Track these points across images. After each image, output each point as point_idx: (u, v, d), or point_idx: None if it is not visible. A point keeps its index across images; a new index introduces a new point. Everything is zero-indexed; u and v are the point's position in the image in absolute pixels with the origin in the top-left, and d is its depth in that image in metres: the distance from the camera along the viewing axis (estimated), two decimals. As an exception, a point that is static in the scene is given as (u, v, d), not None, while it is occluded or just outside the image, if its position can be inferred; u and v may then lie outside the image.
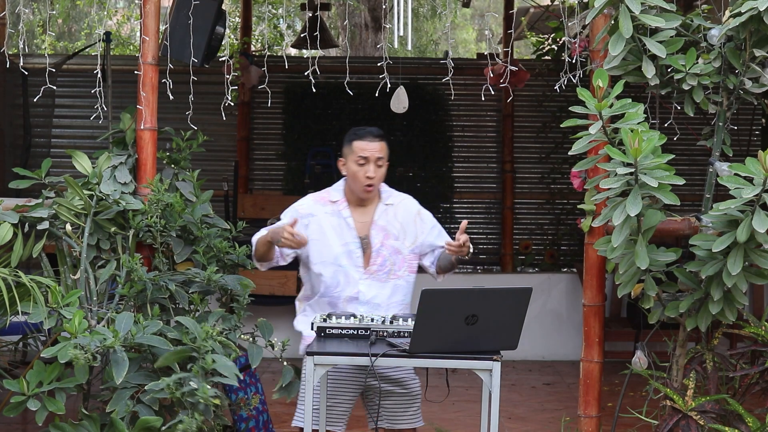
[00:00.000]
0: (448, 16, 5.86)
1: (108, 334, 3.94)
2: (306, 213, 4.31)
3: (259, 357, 4.32)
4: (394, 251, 4.31)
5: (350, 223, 4.30)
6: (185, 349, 4.04)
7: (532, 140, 10.15)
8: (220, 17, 5.36)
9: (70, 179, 4.43)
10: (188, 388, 3.88)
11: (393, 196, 4.42)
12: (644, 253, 4.00)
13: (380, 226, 4.32)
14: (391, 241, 4.31)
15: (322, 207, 4.33)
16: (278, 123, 10.15)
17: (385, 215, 4.34)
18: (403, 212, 4.38)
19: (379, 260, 4.28)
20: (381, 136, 4.30)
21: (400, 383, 4.26)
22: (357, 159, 4.25)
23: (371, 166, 4.25)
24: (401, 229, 4.34)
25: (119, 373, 3.91)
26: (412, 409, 4.30)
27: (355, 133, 4.30)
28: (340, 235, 4.27)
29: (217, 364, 3.98)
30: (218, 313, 4.37)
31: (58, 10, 13.99)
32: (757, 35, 4.16)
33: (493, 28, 14.52)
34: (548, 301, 8.81)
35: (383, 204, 4.37)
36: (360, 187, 4.27)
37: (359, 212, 4.34)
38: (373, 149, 4.25)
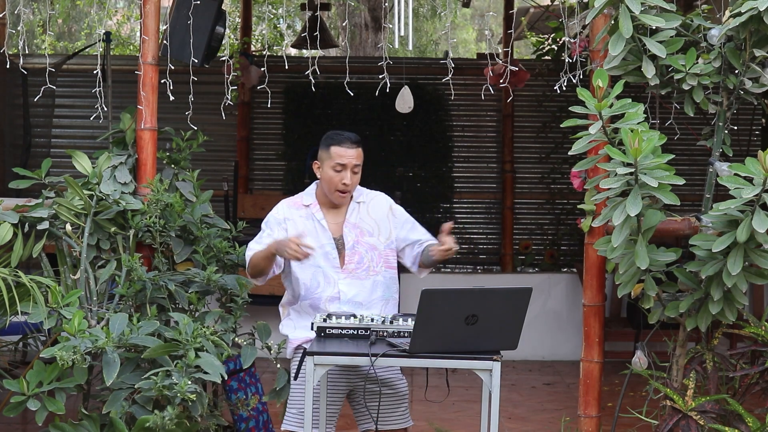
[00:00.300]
0: (448, 16, 5.86)
1: (101, 335, 3.94)
2: (282, 218, 4.32)
3: (252, 357, 4.32)
4: (370, 247, 4.32)
5: (324, 225, 4.31)
6: (170, 345, 4.04)
7: (532, 140, 10.14)
8: (220, 17, 5.35)
9: (70, 179, 4.43)
10: (168, 382, 3.89)
11: (364, 194, 4.42)
12: (644, 253, 4.00)
13: (352, 223, 4.33)
14: (366, 238, 4.32)
15: (296, 211, 4.35)
16: (278, 123, 10.15)
17: (357, 213, 4.36)
18: (375, 208, 4.39)
19: (356, 258, 4.29)
20: (358, 142, 4.30)
21: (387, 384, 4.26)
22: (334, 165, 4.25)
23: (348, 173, 4.25)
24: (375, 225, 4.36)
25: (110, 375, 3.91)
26: (400, 410, 4.30)
27: (333, 138, 4.29)
28: (316, 238, 4.28)
29: (200, 361, 3.98)
30: (216, 313, 4.38)
31: (58, 10, 13.98)
32: (757, 35, 4.17)
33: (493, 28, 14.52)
34: (548, 301, 8.80)
35: (354, 202, 4.38)
36: (334, 192, 4.29)
37: (332, 213, 4.36)
38: (351, 156, 4.24)
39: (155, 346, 4.02)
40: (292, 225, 4.31)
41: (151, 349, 4.01)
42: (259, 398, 5.21)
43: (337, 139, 4.28)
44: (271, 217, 4.35)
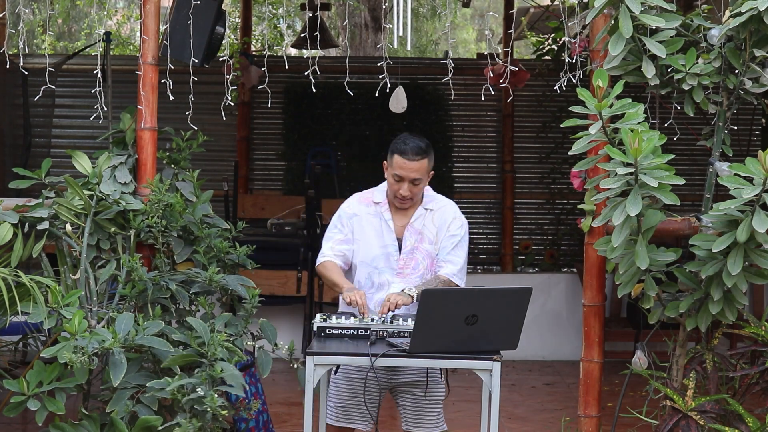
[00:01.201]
0: (448, 16, 5.86)
1: (107, 336, 3.94)
2: (351, 213, 4.34)
3: (268, 365, 4.29)
4: (427, 255, 4.30)
5: (390, 226, 4.30)
6: (193, 355, 4.04)
7: (532, 140, 10.14)
8: (220, 17, 5.35)
9: (70, 179, 4.42)
10: (195, 395, 3.88)
11: (435, 201, 4.38)
12: (644, 253, 4.00)
13: (415, 228, 4.30)
14: (425, 245, 4.30)
15: (365, 207, 4.35)
16: (278, 123, 10.15)
17: (422, 219, 4.32)
18: (440, 218, 4.35)
19: (411, 263, 4.27)
20: (423, 153, 4.21)
21: (422, 386, 4.25)
22: (394, 175, 4.23)
23: (405, 185, 4.21)
24: (436, 234, 4.32)
25: (117, 375, 3.91)
26: (431, 414, 4.28)
27: (399, 147, 4.23)
28: (380, 237, 4.28)
29: (225, 374, 3.98)
30: (224, 318, 4.36)
31: (58, 10, 13.98)
32: (757, 35, 4.16)
33: (493, 28, 14.52)
34: (548, 301, 8.80)
35: (423, 208, 4.35)
36: (394, 198, 4.28)
37: (400, 215, 4.33)
38: (411, 169, 4.19)
39: (176, 356, 4.02)
40: (358, 222, 4.31)
41: (171, 358, 4.00)
42: (259, 399, 5.21)
43: (401, 149, 4.22)
44: (342, 211, 4.37)
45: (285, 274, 8.00)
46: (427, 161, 4.23)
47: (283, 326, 5.68)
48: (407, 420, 4.29)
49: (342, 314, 4.11)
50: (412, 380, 4.25)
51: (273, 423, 5.44)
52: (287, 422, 6.24)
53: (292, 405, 6.58)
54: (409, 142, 4.22)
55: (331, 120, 10.00)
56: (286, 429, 6.08)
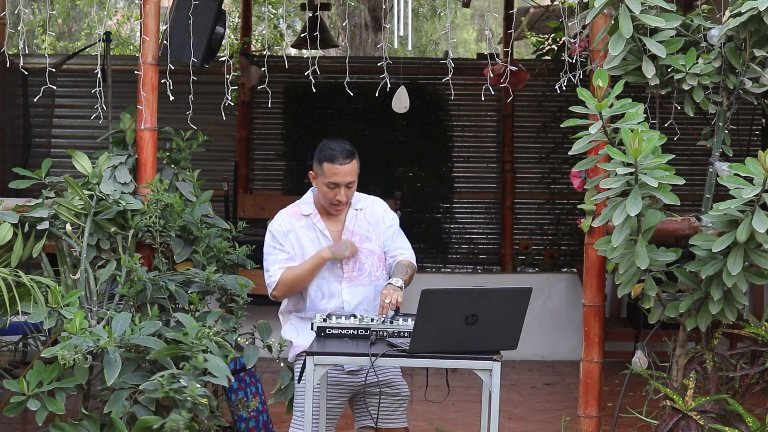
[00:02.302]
0: (448, 16, 5.86)
1: (103, 335, 3.95)
2: (285, 231, 4.28)
3: (254, 358, 4.31)
4: (370, 253, 4.30)
5: (327, 234, 4.28)
6: (177, 347, 4.04)
7: (532, 140, 10.14)
8: (220, 17, 5.35)
9: (70, 179, 4.43)
10: (177, 386, 3.89)
11: (362, 201, 4.39)
12: (644, 253, 4.00)
13: (351, 231, 4.31)
14: (365, 244, 4.31)
15: (297, 221, 4.30)
16: (278, 123, 10.15)
17: (355, 220, 4.33)
18: (371, 214, 4.37)
19: (356, 265, 4.27)
20: (351, 154, 4.21)
21: (390, 384, 4.26)
22: (327, 182, 4.20)
23: (342, 190, 4.20)
24: (371, 230, 4.34)
25: (111, 375, 3.91)
26: (400, 410, 4.31)
27: (326, 154, 4.21)
28: (318, 247, 4.25)
29: (208, 364, 3.97)
30: (217, 313, 4.37)
31: (58, 10, 13.99)
32: (757, 35, 4.16)
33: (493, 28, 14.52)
34: (548, 301, 8.80)
35: (353, 209, 4.35)
36: (329, 206, 4.26)
37: (332, 221, 4.32)
38: (344, 173, 4.18)
39: (160, 348, 4.02)
40: (294, 236, 4.27)
41: (156, 351, 4.01)
42: (259, 399, 5.21)
43: (329, 155, 4.20)
44: (275, 231, 4.29)
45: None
46: (356, 162, 4.23)
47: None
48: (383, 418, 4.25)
49: (342, 314, 4.11)
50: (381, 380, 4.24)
51: (273, 423, 5.44)
52: (287, 422, 6.22)
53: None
54: (336, 147, 4.21)
55: (331, 120, 10.00)
56: (286, 429, 6.07)
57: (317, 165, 4.25)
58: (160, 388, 3.91)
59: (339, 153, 4.19)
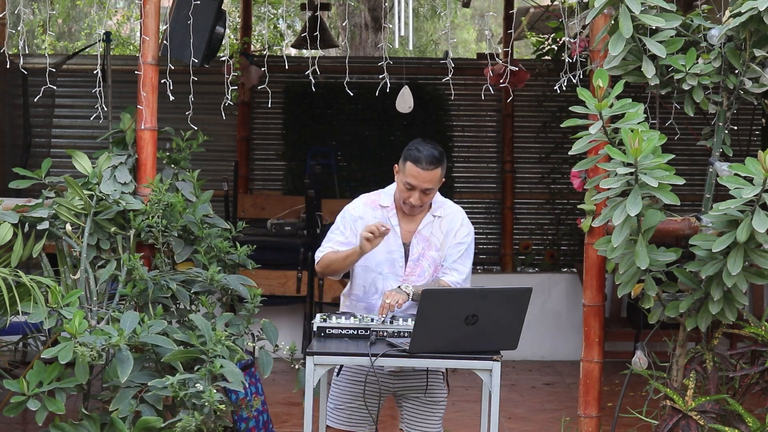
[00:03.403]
0: (448, 16, 5.86)
1: (113, 333, 3.95)
2: (356, 216, 4.26)
3: (269, 366, 4.28)
4: (433, 262, 4.24)
5: (397, 232, 4.23)
6: (194, 351, 4.05)
7: (532, 140, 10.14)
8: (220, 17, 5.35)
9: (70, 179, 4.43)
10: (194, 390, 3.89)
11: (443, 207, 4.30)
12: (644, 253, 4.00)
13: (423, 236, 4.24)
14: (432, 252, 4.24)
15: (372, 211, 4.26)
16: (278, 123, 10.15)
17: (431, 226, 4.26)
18: (447, 224, 4.28)
19: (417, 270, 4.23)
20: (438, 162, 4.10)
21: (429, 390, 4.24)
22: (405, 182, 4.13)
23: (416, 194, 4.13)
24: (443, 240, 4.27)
25: (124, 372, 3.91)
26: (433, 419, 4.27)
27: (412, 154, 4.12)
28: (386, 242, 4.17)
29: (224, 370, 3.99)
30: (226, 317, 4.36)
31: (58, 10, 13.98)
32: (757, 35, 4.17)
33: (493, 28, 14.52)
34: (548, 301, 8.80)
35: (431, 215, 4.27)
36: (403, 204, 4.20)
37: (407, 220, 4.26)
38: (423, 179, 4.09)
39: (176, 351, 4.02)
40: (362, 225, 4.19)
41: (171, 354, 4.01)
42: (260, 399, 5.21)
43: (415, 156, 4.11)
44: (347, 212, 4.28)
45: (285, 274, 8.00)
46: (440, 171, 4.14)
47: (283, 326, 5.68)
48: (408, 423, 4.28)
49: (342, 314, 4.11)
50: (416, 385, 4.24)
51: (273, 423, 5.44)
52: (287, 422, 6.24)
53: (292, 405, 6.58)
54: (424, 150, 4.11)
55: (331, 120, 10.00)
56: (286, 429, 6.08)
57: (402, 161, 4.18)
58: (173, 391, 3.91)
59: (425, 157, 4.09)
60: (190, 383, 3.94)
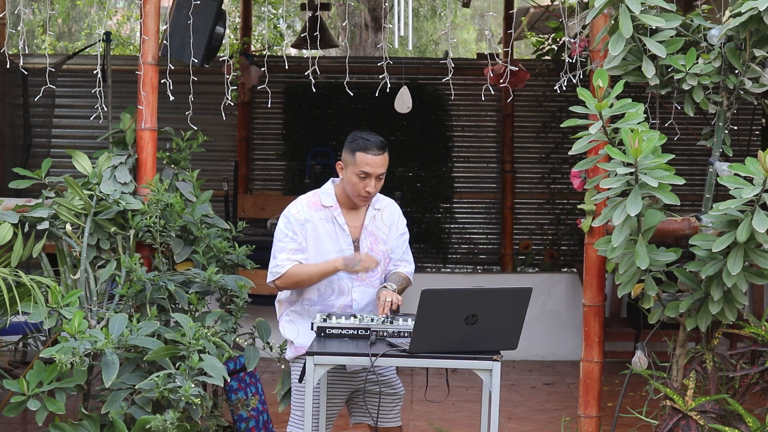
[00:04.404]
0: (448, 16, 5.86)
1: (100, 336, 3.94)
2: (303, 219, 4.22)
3: (255, 359, 4.31)
4: (383, 255, 4.30)
5: (345, 229, 4.25)
6: (173, 347, 4.04)
7: (532, 140, 10.14)
8: (220, 17, 5.35)
9: (70, 179, 4.43)
10: (172, 385, 3.89)
11: (380, 201, 4.37)
12: (644, 253, 4.00)
13: (369, 231, 4.30)
14: (381, 246, 4.30)
15: (316, 212, 4.25)
16: (278, 123, 10.15)
17: (374, 221, 4.32)
18: (388, 216, 4.37)
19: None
20: (384, 147, 4.20)
21: (388, 383, 4.28)
22: (358, 172, 4.16)
23: (372, 181, 4.17)
24: (387, 233, 4.33)
25: (109, 376, 3.91)
26: (396, 409, 4.33)
27: (360, 144, 4.17)
28: (335, 241, 4.22)
29: (203, 363, 3.97)
30: (216, 314, 4.37)
31: (58, 10, 13.98)
32: (757, 35, 4.17)
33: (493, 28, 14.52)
34: (548, 301, 8.80)
35: (373, 209, 4.33)
36: (357, 197, 4.22)
37: (352, 216, 4.30)
38: (377, 164, 4.16)
39: (157, 348, 4.02)
40: (312, 227, 4.21)
41: (153, 351, 4.01)
42: (259, 398, 5.21)
43: (363, 145, 4.16)
44: (292, 217, 4.22)
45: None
46: (387, 155, 4.22)
47: (283, 326, 5.74)
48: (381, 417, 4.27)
49: (342, 314, 4.11)
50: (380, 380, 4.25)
51: (273, 423, 5.44)
52: (287, 422, 6.23)
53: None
54: (370, 138, 4.19)
55: (331, 120, 10.01)
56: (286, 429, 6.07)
57: (349, 154, 4.19)
58: (155, 387, 3.91)
59: (373, 144, 4.17)
60: (169, 380, 3.92)
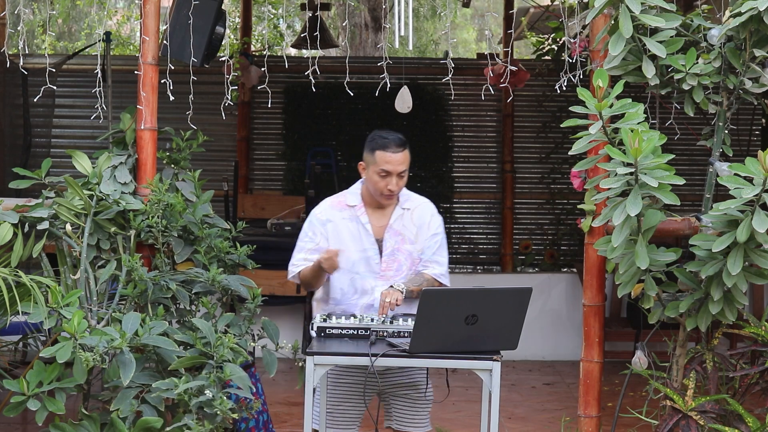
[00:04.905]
0: (448, 16, 5.86)
1: (115, 335, 3.94)
2: (324, 219, 4.26)
3: (274, 364, 4.28)
4: (409, 255, 4.27)
5: (368, 229, 4.24)
6: (199, 356, 4.04)
7: (532, 140, 10.15)
8: (220, 17, 5.35)
9: (70, 179, 4.43)
10: (205, 398, 3.88)
11: (411, 200, 4.34)
12: (644, 253, 4.00)
13: (395, 230, 4.27)
14: (407, 246, 4.27)
15: (339, 212, 4.27)
16: (278, 123, 10.15)
17: (401, 219, 4.28)
18: (419, 216, 4.33)
19: (394, 265, 4.24)
20: (405, 144, 4.19)
21: (416, 387, 4.25)
22: (379, 171, 4.15)
23: (394, 179, 4.16)
24: (416, 233, 4.29)
25: (126, 375, 3.91)
26: (422, 413, 4.29)
27: (379, 142, 4.17)
28: (358, 241, 4.22)
29: (233, 376, 3.98)
30: (227, 318, 4.36)
31: (58, 10, 13.98)
32: (757, 35, 4.16)
33: (493, 28, 14.51)
34: (548, 301, 8.80)
35: (400, 208, 4.30)
36: (380, 196, 4.21)
37: (377, 215, 4.28)
38: (397, 162, 4.14)
39: (183, 358, 4.01)
40: (333, 227, 4.23)
41: (178, 360, 4.00)
42: (260, 400, 5.21)
43: (382, 143, 4.16)
44: (315, 218, 4.28)
45: (285, 274, 7.98)
46: (408, 152, 4.21)
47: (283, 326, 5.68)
48: (397, 420, 4.28)
49: (342, 314, 4.10)
50: (402, 382, 4.25)
51: (273, 423, 5.44)
52: (287, 422, 6.24)
53: (292, 405, 6.59)
54: (389, 136, 4.19)
55: (331, 120, 10.01)
56: (286, 429, 6.08)
57: (369, 154, 4.20)
58: (179, 397, 3.89)
59: (392, 141, 4.16)
60: (195, 388, 3.92)
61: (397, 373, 4.22)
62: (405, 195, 4.34)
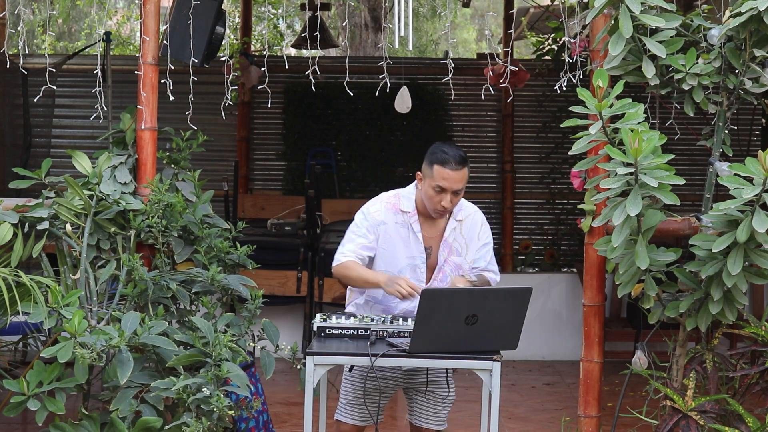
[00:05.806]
0: (448, 16, 5.86)
1: (114, 334, 3.95)
2: (379, 221, 4.21)
3: (272, 366, 4.28)
4: (456, 267, 4.26)
5: (419, 237, 4.22)
6: (198, 354, 4.04)
7: (532, 140, 10.14)
8: (220, 17, 5.35)
9: (70, 179, 4.43)
10: (202, 395, 3.88)
11: (463, 210, 4.30)
12: (644, 253, 4.00)
13: (448, 243, 4.26)
14: (454, 257, 4.27)
15: (393, 216, 4.23)
16: (278, 123, 10.15)
17: (454, 233, 4.27)
18: (469, 227, 4.32)
19: (440, 276, 4.24)
20: (465, 161, 4.10)
21: (440, 386, 4.28)
22: (435, 186, 4.10)
23: (448, 196, 4.11)
24: (465, 245, 4.30)
25: (124, 374, 3.91)
26: (443, 412, 4.32)
27: (439, 157, 4.10)
28: (408, 247, 4.20)
29: (230, 374, 3.98)
30: (227, 318, 4.36)
31: (58, 10, 13.98)
32: (757, 35, 4.17)
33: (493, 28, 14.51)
34: (548, 301, 8.80)
35: (454, 220, 4.28)
36: (432, 210, 4.17)
37: (429, 224, 4.25)
38: (454, 180, 4.07)
39: (181, 355, 4.02)
40: (385, 230, 4.19)
41: (176, 358, 4.00)
42: (260, 400, 5.21)
43: (442, 158, 4.09)
44: (370, 216, 4.22)
45: (285, 274, 8.00)
46: (467, 170, 4.13)
47: (283, 326, 5.69)
48: (418, 416, 4.31)
49: (342, 314, 4.11)
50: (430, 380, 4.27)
51: (273, 423, 5.44)
52: (287, 422, 6.24)
53: (292, 405, 6.59)
54: (450, 151, 4.09)
55: (331, 120, 10.00)
56: (286, 429, 6.08)
57: (427, 166, 4.15)
58: (177, 395, 3.90)
59: (452, 157, 4.08)
60: (193, 386, 3.93)
61: (424, 372, 4.23)
62: (458, 205, 4.28)
